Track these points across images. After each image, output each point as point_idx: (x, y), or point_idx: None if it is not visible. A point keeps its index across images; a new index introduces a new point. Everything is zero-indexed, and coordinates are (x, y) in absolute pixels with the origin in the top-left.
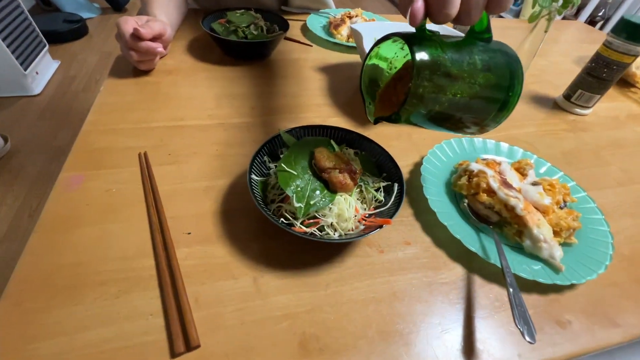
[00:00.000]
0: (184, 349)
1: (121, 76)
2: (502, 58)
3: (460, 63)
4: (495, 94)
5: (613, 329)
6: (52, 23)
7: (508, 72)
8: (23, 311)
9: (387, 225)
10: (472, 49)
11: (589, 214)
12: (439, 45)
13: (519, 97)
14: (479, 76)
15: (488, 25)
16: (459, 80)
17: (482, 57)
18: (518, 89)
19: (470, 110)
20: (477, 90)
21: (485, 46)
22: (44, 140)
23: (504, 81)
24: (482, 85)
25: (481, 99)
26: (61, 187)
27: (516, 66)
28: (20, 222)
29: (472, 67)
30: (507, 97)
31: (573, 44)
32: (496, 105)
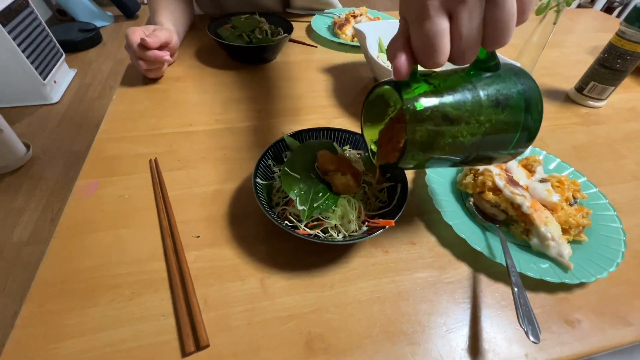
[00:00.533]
0: (194, 348)
1: (132, 84)
2: (513, 87)
3: (461, 103)
4: (510, 128)
5: (625, 328)
6: (67, 33)
7: (522, 102)
8: (45, 313)
9: (390, 226)
10: (476, 83)
11: (600, 211)
12: (435, 87)
13: (540, 123)
14: (486, 114)
15: (491, 53)
16: (462, 122)
17: (487, 92)
18: (536, 116)
19: (483, 149)
20: (486, 129)
21: (492, 76)
22: (63, 147)
23: (517, 113)
24: (492, 123)
25: (494, 137)
26: (77, 194)
27: (531, 93)
28: (43, 226)
29: (476, 105)
30: (525, 127)
31: (587, 34)
32: (514, 138)
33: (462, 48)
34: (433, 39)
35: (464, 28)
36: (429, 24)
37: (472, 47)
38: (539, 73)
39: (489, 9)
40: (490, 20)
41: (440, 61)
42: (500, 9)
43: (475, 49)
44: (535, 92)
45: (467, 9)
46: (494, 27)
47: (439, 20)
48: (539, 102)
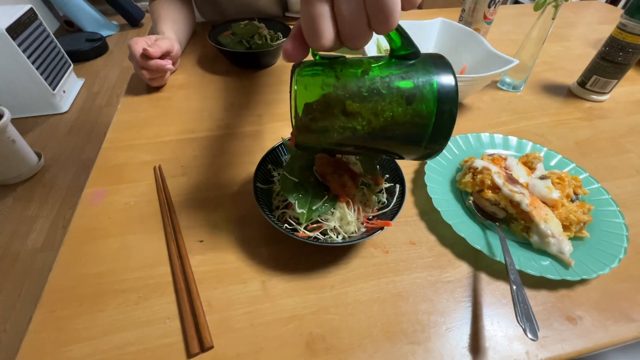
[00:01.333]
0: (199, 350)
1: (136, 94)
2: (422, 79)
3: (355, 91)
4: (412, 123)
5: (628, 324)
6: (75, 43)
7: (430, 96)
8: (56, 318)
9: (390, 226)
10: (384, 71)
11: (602, 206)
12: (335, 73)
13: (451, 122)
14: (383, 104)
15: (404, 41)
16: (353, 111)
17: (391, 82)
18: (446, 113)
19: (383, 141)
20: (383, 120)
21: (404, 66)
22: (73, 155)
23: (421, 107)
24: (390, 115)
25: (393, 130)
26: (86, 202)
27: (445, 88)
28: (56, 233)
29: (373, 94)
30: (433, 122)
31: (591, 26)
32: (419, 134)
33: (347, 32)
34: (312, 22)
35: (343, 11)
36: (308, 6)
37: (358, 31)
38: (540, 68)
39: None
40: (370, 3)
41: (323, 43)
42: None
43: (363, 33)
44: (449, 86)
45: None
46: (375, 10)
47: (318, 4)
48: (452, 96)
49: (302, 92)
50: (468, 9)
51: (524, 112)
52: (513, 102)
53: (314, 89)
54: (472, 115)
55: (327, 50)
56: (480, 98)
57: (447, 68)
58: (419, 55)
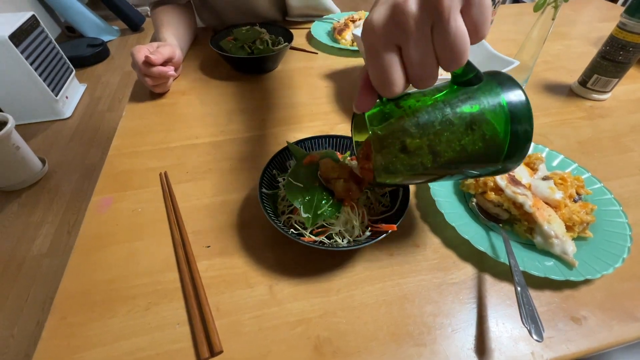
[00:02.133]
0: (209, 354)
1: (140, 100)
2: (492, 101)
3: (428, 124)
4: (490, 145)
5: (633, 324)
6: (76, 49)
7: (503, 115)
8: (67, 324)
9: (395, 230)
10: (450, 101)
11: (605, 206)
12: (404, 111)
13: (530, 135)
14: (458, 132)
15: (465, 67)
16: (430, 144)
17: (458, 109)
18: (525, 128)
19: (464, 167)
20: (461, 147)
21: (469, 91)
22: (76, 160)
23: (496, 128)
24: (467, 141)
25: (472, 155)
26: (93, 209)
27: (516, 104)
28: (61, 238)
29: (445, 124)
30: (508, 142)
31: (592, 24)
32: (499, 156)
33: (417, 75)
34: (384, 73)
35: (412, 58)
36: (377, 59)
37: (428, 73)
38: (541, 68)
39: (436, 36)
40: (440, 46)
41: (395, 91)
42: (446, 34)
43: (432, 73)
44: (520, 103)
45: (412, 40)
46: (444, 52)
47: (386, 54)
48: (525, 113)
49: (377, 135)
50: None
51: None
52: None
53: (387, 130)
54: None
55: (398, 95)
56: None
57: (513, 85)
58: (482, 78)
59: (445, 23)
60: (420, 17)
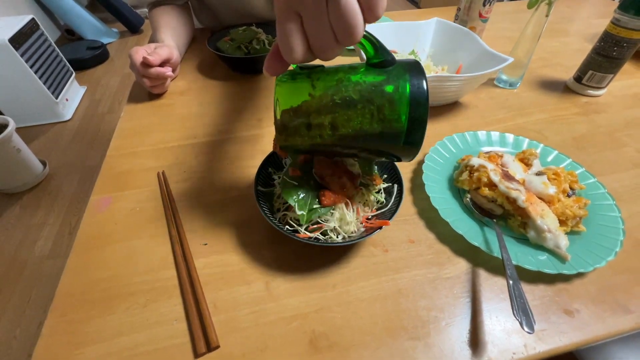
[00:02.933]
0: (206, 349)
1: (138, 101)
2: (396, 84)
3: (332, 98)
4: (388, 126)
5: (625, 316)
6: (76, 51)
7: (404, 99)
8: (68, 322)
9: (388, 225)
10: (359, 79)
11: (598, 200)
12: (311, 82)
13: (422, 127)
14: (355, 111)
15: (377, 50)
16: (327, 116)
17: (362, 89)
18: (417, 119)
19: (363, 145)
20: (357, 125)
21: (378, 73)
22: (77, 162)
23: (394, 112)
24: (362, 120)
25: (370, 135)
26: (92, 209)
27: (417, 92)
28: (62, 240)
29: (345, 101)
30: (404, 128)
31: (588, 20)
32: (397, 139)
33: (316, 46)
34: (285, 38)
35: (310, 28)
36: (280, 25)
37: (326, 44)
38: (537, 64)
39: (330, 9)
40: (333, 19)
41: (295, 57)
42: (338, 8)
43: (331, 46)
44: (420, 92)
45: (309, 10)
46: (337, 25)
47: (288, 22)
48: (420, 102)
49: (281, 99)
50: (463, 8)
51: (520, 109)
52: (510, 99)
53: (291, 96)
54: (469, 114)
55: (301, 62)
56: (477, 96)
57: (419, 73)
58: (393, 63)
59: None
60: None
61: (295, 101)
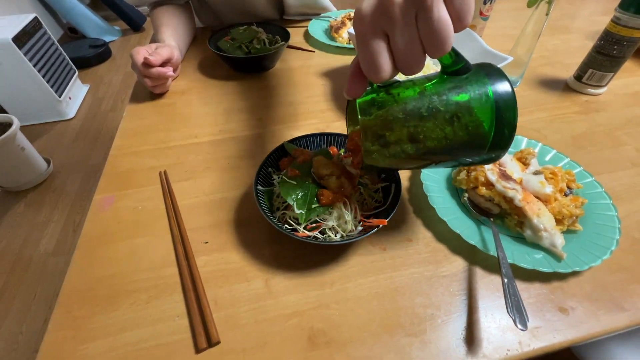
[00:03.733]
0: (207, 345)
1: (140, 101)
2: (478, 91)
3: (415, 111)
4: (474, 134)
5: (619, 314)
6: (79, 50)
7: (488, 107)
8: (73, 317)
9: (385, 225)
10: (439, 90)
11: (595, 200)
12: (393, 97)
13: (513, 128)
14: (443, 120)
15: (454, 57)
16: (416, 130)
17: (446, 98)
18: (509, 120)
19: (449, 155)
20: (446, 134)
21: (457, 81)
22: (81, 160)
23: (481, 119)
24: (452, 129)
25: (457, 143)
26: (96, 208)
27: (503, 96)
28: (66, 238)
29: (432, 112)
30: (493, 132)
31: (591, 17)
32: (483, 144)
33: (404, 62)
34: (371, 59)
35: (398, 44)
36: (365, 46)
37: (414, 60)
38: (538, 63)
39: (420, 24)
40: (424, 33)
41: (384, 76)
42: (430, 21)
43: (418, 60)
44: (506, 95)
45: (398, 27)
46: (429, 39)
47: (374, 41)
48: (510, 104)
49: (365, 120)
50: None
51: (520, 108)
52: None
53: (375, 115)
54: None
55: (386, 80)
56: None
57: (500, 76)
58: (470, 68)
59: (428, 11)
60: (405, 6)
61: (379, 120)
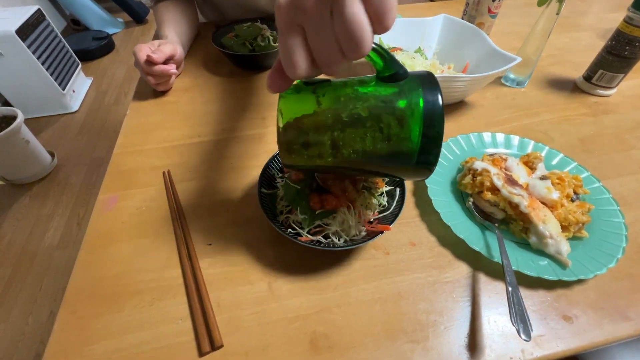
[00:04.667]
0: (210, 348)
1: (144, 98)
2: (410, 99)
3: (336, 116)
4: (400, 142)
5: (623, 323)
6: (82, 42)
7: (415, 119)
8: (78, 318)
9: (389, 230)
10: (368, 94)
11: (603, 206)
12: (317, 98)
13: (437, 145)
14: (365, 128)
15: (386, 62)
16: (333, 134)
17: (374, 104)
18: (433, 133)
19: (373, 165)
20: (366, 144)
21: (390, 87)
22: (85, 153)
23: (405, 131)
24: (373, 138)
25: (380, 153)
26: (100, 207)
27: (431, 110)
28: (71, 231)
29: (355, 119)
30: (419, 144)
31: (601, 15)
32: (410, 157)
33: (320, 59)
34: (287, 53)
35: (314, 41)
36: (282, 39)
37: (331, 58)
38: (546, 62)
39: (335, 21)
40: (339, 32)
41: (299, 73)
42: (343, 20)
43: (336, 60)
44: (435, 106)
45: (312, 22)
46: (343, 38)
47: (290, 35)
48: (435, 122)
49: (284, 113)
50: (472, 3)
51: (527, 109)
52: (517, 98)
53: (295, 111)
54: (474, 113)
55: (305, 78)
56: (483, 95)
57: (433, 86)
58: (406, 76)
59: (341, 8)
60: (319, 0)
61: (299, 117)
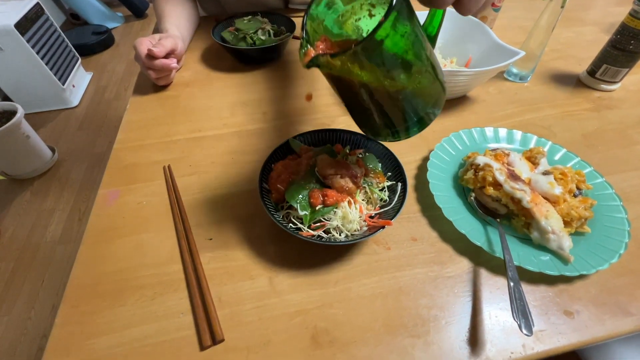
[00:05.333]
0: (211, 342)
1: (144, 93)
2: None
3: (422, 47)
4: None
5: (625, 318)
6: (81, 37)
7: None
8: (79, 313)
9: (390, 225)
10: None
11: (605, 201)
12: (418, 24)
13: None
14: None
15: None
16: (411, 62)
17: (430, 54)
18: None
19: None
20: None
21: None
22: (85, 149)
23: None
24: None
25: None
26: (101, 202)
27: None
28: (72, 226)
29: (425, 58)
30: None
31: (606, 8)
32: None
33: None
34: None
35: None
36: None
37: None
38: (549, 57)
39: None
40: None
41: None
42: None
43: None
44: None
45: None
46: None
47: None
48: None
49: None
50: None
51: (530, 104)
52: (519, 93)
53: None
54: (477, 108)
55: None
56: (485, 90)
57: None
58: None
59: None
60: None
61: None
